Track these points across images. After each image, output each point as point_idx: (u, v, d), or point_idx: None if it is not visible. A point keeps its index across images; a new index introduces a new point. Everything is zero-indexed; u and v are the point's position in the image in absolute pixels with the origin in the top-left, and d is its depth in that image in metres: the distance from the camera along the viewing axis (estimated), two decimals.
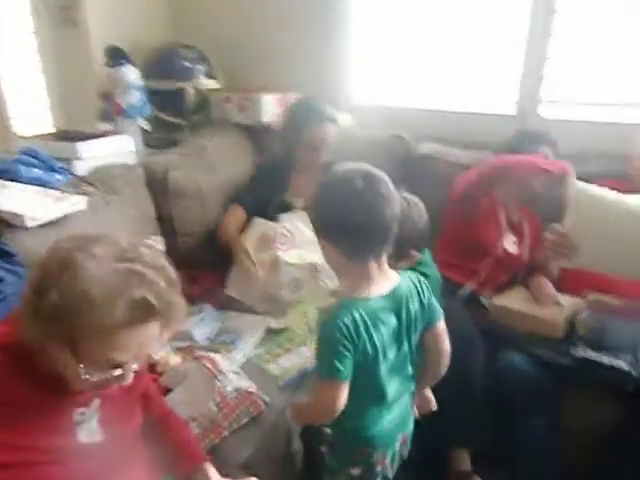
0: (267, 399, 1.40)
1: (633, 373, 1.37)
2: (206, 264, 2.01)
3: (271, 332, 1.73)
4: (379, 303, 1.12)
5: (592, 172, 1.92)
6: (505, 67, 2.21)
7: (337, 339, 1.06)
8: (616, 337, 1.42)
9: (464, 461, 1.53)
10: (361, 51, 2.48)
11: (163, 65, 2.49)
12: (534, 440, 1.43)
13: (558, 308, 1.59)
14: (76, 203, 1.53)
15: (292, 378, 1.51)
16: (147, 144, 2.33)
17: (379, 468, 1.20)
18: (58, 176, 1.83)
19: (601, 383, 1.41)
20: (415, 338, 1.19)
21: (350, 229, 1.07)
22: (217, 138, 2.32)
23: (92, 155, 1.95)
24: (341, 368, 1.07)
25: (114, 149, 2.08)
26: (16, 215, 1.39)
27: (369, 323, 1.09)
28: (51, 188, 1.66)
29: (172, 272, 0.90)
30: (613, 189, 1.83)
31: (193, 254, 2.00)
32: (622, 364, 1.38)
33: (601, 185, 1.85)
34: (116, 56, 2.21)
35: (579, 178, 1.85)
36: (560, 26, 2.04)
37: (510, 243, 1.82)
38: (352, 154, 2.10)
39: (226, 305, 1.87)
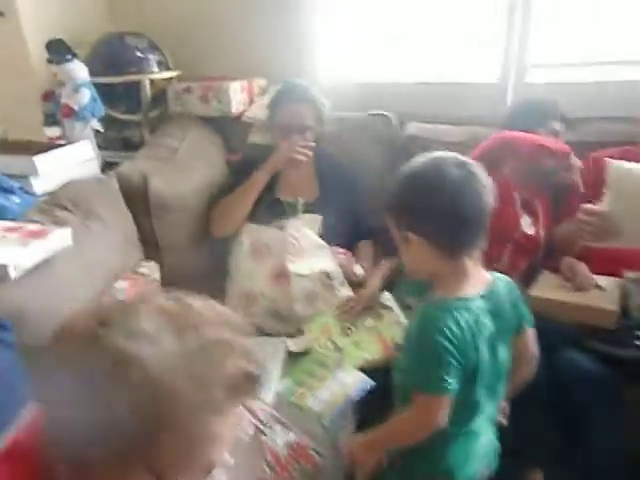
0: (321, 451, 1.20)
1: None
2: (196, 281, 1.80)
3: (292, 356, 1.55)
4: (479, 304, 1.02)
5: (596, 139, 1.87)
6: (486, 31, 2.11)
7: (444, 347, 0.95)
8: None
9: None
10: (327, 24, 2.28)
11: (111, 57, 2.19)
12: (601, 440, 1.36)
13: (601, 292, 1.48)
14: (63, 238, 1.30)
15: (339, 411, 1.34)
16: (99, 147, 2.08)
17: None
18: (16, 199, 1.58)
19: None
20: (508, 346, 1.09)
21: (449, 221, 0.99)
22: (185, 136, 2.09)
23: (51, 169, 1.70)
24: (449, 380, 0.95)
25: (74, 159, 1.83)
26: None
27: (475, 328, 0.99)
28: (9, 219, 1.42)
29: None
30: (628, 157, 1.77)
31: (181, 272, 1.77)
32: None
33: (615, 152, 1.78)
34: (60, 51, 1.91)
35: (584, 145, 1.81)
36: None
37: (527, 224, 1.75)
38: (331, 139, 2.04)
39: None
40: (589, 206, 1.44)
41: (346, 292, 1.73)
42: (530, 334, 1.14)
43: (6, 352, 1.01)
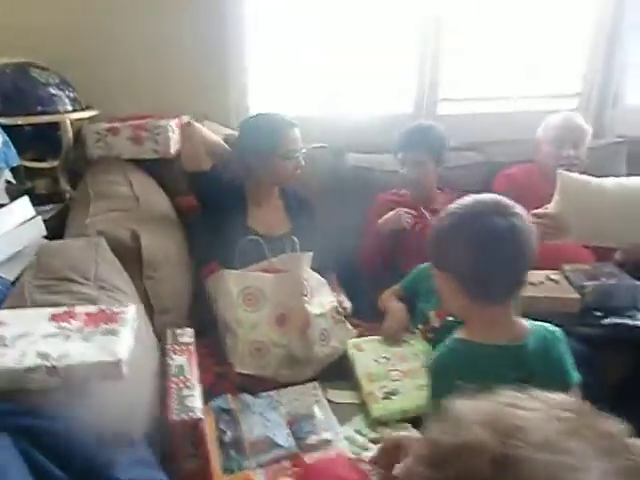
0: None
1: None
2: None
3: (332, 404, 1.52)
4: (498, 353, 1.06)
5: (502, 160, 2.24)
6: (402, 67, 2.34)
7: (449, 380, 1.01)
8: (616, 297, 1.75)
9: None
10: (255, 61, 2.28)
11: (18, 94, 1.85)
12: None
13: (556, 284, 1.78)
14: (132, 316, 1.09)
15: None
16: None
17: None
18: None
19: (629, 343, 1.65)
20: None
21: (484, 270, 1.01)
22: (129, 182, 1.88)
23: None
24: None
25: (15, 221, 1.53)
26: None
27: (489, 375, 0.92)
28: None
29: None
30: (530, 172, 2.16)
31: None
32: None
33: (520, 168, 2.18)
34: None
35: (493, 164, 2.17)
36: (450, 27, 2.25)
37: None
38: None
39: (247, 387, 1.56)
40: (540, 210, 1.72)
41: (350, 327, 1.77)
42: (574, 392, 1.11)
43: None
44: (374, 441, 1.39)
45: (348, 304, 1.84)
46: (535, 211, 1.74)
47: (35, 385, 0.89)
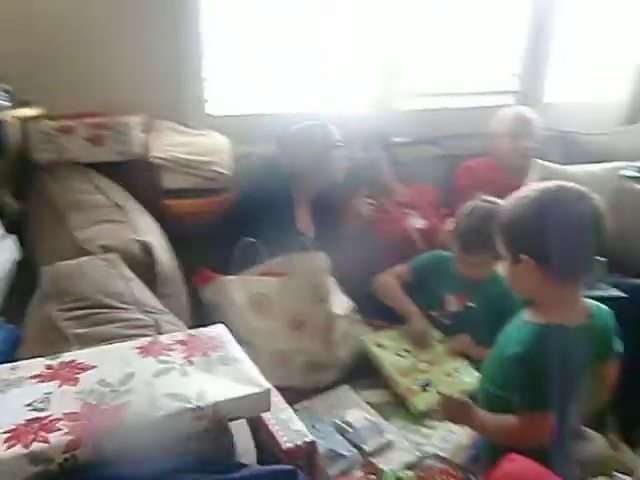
0: None
1: None
2: None
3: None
4: (579, 333, 1.12)
5: (459, 153, 2.35)
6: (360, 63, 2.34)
7: (545, 367, 1.06)
8: None
9: None
10: (211, 57, 2.11)
11: None
12: None
13: None
14: (220, 332, 0.95)
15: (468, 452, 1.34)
16: None
17: None
18: None
19: None
20: (593, 372, 1.18)
21: (569, 251, 1.06)
22: (99, 189, 1.65)
23: None
24: (552, 401, 1.07)
25: None
26: None
27: (572, 355, 1.09)
28: None
29: None
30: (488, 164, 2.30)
31: None
32: None
33: (479, 161, 2.30)
34: None
35: (452, 157, 2.28)
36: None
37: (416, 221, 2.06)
38: (252, 177, 1.95)
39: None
40: None
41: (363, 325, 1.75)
42: (615, 364, 1.22)
43: None
44: (427, 436, 1.40)
45: (351, 303, 1.81)
46: None
47: (177, 433, 0.75)
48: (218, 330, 0.97)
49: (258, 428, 1.03)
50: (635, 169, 2.06)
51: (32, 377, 0.80)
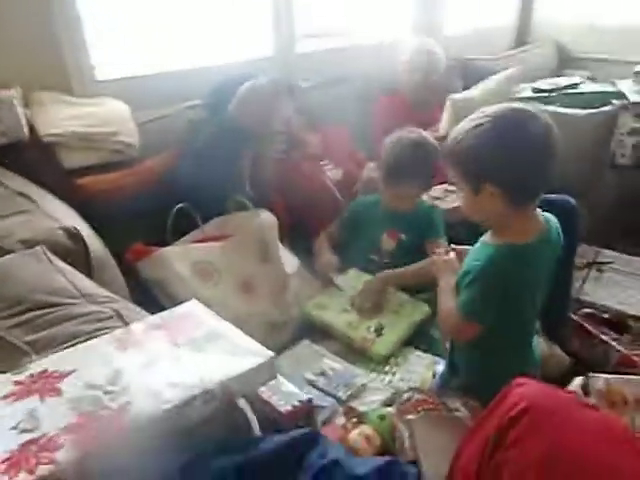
0: None
1: None
2: None
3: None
4: (540, 247, 1.16)
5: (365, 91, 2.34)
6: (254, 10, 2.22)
7: (499, 287, 1.13)
8: None
9: None
10: (90, 18, 1.86)
11: None
12: None
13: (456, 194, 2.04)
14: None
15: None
16: None
17: None
18: None
19: None
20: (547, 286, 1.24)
21: (529, 173, 1.09)
22: None
23: None
24: (491, 315, 1.16)
25: None
26: None
27: (531, 268, 1.15)
28: None
29: None
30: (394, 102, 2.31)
31: None
32: None
33: (388, 99, 2.31)
34: None
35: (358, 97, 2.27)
36: None
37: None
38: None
39: None
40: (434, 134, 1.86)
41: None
42: None
43: None
44: (393, 373, 1.44)
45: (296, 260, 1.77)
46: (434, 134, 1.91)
47: (189, 422, 0.69)
48: (190, 307, 0.91)
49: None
50: (531, 89, 2.18)
51: (3, 397, 0.69)
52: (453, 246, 1.37)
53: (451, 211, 1.86)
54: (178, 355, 0.76)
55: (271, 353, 0.77)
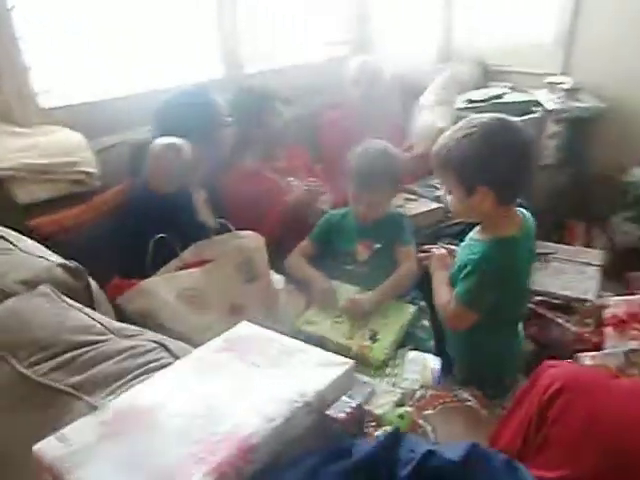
0: None
1: None
2: None
3: None
4: (522, 240, 1.29)
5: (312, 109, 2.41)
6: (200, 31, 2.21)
7: (496, 278, 1.26)
8: None
9: None
10: (30, 43, 1.77)
11: None
12: None
13: (417, 201, 2.13)
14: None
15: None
16: None
17: None
18: None
19: None
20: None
21: (518, 174, 1.22)
22: None
23: None
24: (488, 302, 1.29)
25: None
26: None
27: (520, 258, 1.28)
28: None
29: None
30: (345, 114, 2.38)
31: None
32: None
33: (338, 113, 2.38)
34: None
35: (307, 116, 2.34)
36: None
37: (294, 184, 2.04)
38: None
39: None
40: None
41: None
42: None
43: None
44: (395, 375, 1.50)
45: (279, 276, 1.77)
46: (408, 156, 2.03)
47: (296, 435, 0.70)
48: (245, 328, 0.90)
49: None
50: (465, 101, 2.36)
51: (100, 440, 0.65)
52: (443, 245, 1.47)
53: (413, 217, 1.97)
54: (261, 373, 0.76)
55: (351, 361, 0.79)
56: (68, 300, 1.04)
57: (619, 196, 2.29)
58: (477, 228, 1.37)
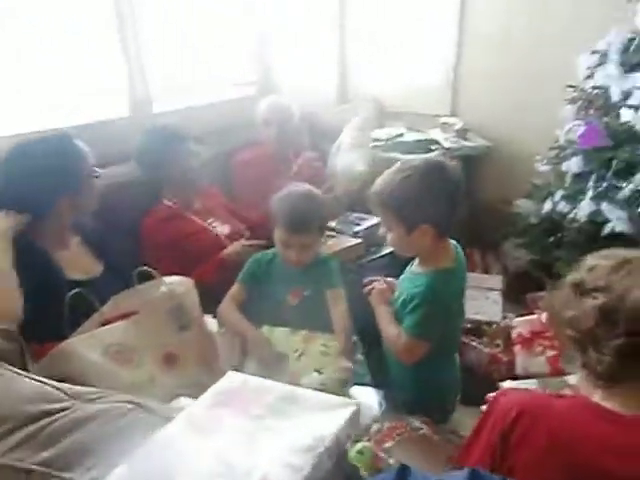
0: None
1: None
2: None
3: None
4: (457, 270, 1.39)
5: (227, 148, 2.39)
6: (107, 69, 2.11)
7: (439, 306, 1.34)
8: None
9: None
10: None
11: None
12: None
13: (337, 238, 2.19)
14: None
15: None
16: None
17: None
18: None
19: None
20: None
21: (452, 211, 1.32)
22: None
23: None
24: (437, 331, 1.36)
25: None
26: None
27: (458, 287, 1.40)
28: None
29: None
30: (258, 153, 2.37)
31: None
32: None
33: (248, 152, 2.37)
34: None
35: (221, 154, 2.33)
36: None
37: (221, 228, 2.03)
38: None
39: None
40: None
41: None
42: None
43: None
44: None
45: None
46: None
47: (321, 477, 0.68)
48: (233, 379, 0.86)
49: None
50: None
51: None
52: (384, 279, 1.52)
53: (334, 254, 2.01)
54: (268, 424, 0.73)
55: (357, 401, 0.79)
56: (11, 367, 0.91)
57: (509, 225, 2.52)
58: (416, 262, 1.44)
